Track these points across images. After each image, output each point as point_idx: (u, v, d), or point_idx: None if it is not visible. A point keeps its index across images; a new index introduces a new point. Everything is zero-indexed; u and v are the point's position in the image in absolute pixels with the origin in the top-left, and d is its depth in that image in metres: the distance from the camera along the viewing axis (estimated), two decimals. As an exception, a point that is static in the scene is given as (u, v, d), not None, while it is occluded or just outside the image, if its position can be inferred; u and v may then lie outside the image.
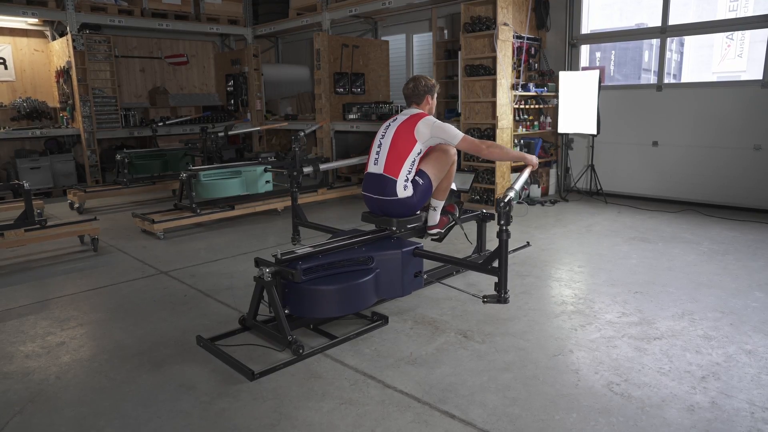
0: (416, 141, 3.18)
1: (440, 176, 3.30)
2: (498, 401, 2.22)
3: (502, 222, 2.67)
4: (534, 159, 3.20)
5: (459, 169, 5.62)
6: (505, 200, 2.63)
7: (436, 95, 3.43)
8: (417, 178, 3.22)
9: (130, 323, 3.14)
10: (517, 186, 2.80)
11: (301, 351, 2.60)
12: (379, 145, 3.29)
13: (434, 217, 3.46)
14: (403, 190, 3.18)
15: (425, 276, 3.21)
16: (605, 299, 3.31)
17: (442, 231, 3.53)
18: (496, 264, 2.80)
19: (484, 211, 3.87)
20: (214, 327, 3.03)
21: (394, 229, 3.24)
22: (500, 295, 2.79)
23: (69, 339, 2.94)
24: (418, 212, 3.37)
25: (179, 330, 3.02)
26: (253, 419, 2.14)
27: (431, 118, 3.26)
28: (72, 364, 2.64)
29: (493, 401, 2.22)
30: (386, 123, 3.37)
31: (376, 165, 3.28)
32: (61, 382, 2.48)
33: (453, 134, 3.18)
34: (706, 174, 5.85)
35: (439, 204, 3.44)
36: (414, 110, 3.34)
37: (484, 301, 2.85)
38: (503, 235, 2.68)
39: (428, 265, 3.38)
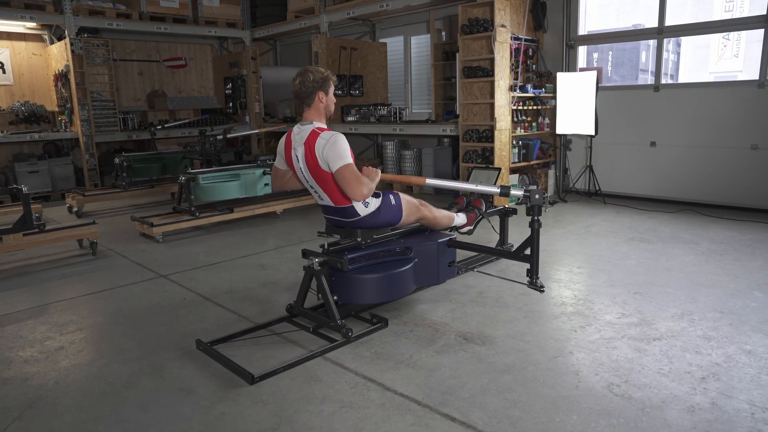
0: (332, 172, 2.73)
1: (415, 218, 3.16)
2: (498, 403, 2.22)
3: (534, 213, 2.86)
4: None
5: (483, 167, 5.59)
6: (542, 192, 2.83)
7: (332, 89, 2.87)
8: (390, 196, 3.03)
9: (129, 327, 3.14)
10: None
11: (350, 334, 2.78)
12: (311, 186, 2.92)
13: (461, 220, 3.53)
14: (364, 207, 2.91)
15: (461, 267, 3.43)
16: (605, 300, 3.31)
17: (472, 228, 3.63)
18: (528, 252, 2.98)
19: (507, 206, 4.06)
20: (214, 330, 3.02)
21: (359, 239, 3.01)
22: (532, 281, 2.98)
23: (68, 344, 2.94)
24: (390, 229, 3.18)
25: (179, 334, 3.02)
26: (253, 423, 2.14)
27: (321, 141, 2.71)
28: (71, 369, 2.64)
29: (494, 403, 2.22)
30: (293, 155, 2.87)
31: (322, 200, 2.95)
32: (60, 387, 2.47)
33: (338, 156, 2.66)
34: (704, 174, 5.86)
35: (457, 220, 3.49)
36: (306, 128, 2.81)
37: (540, 289, 2.98)
38: (535, 225, 2.88)
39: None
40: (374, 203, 2.96)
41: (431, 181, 3.18)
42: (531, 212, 2.89)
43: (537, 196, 2.83)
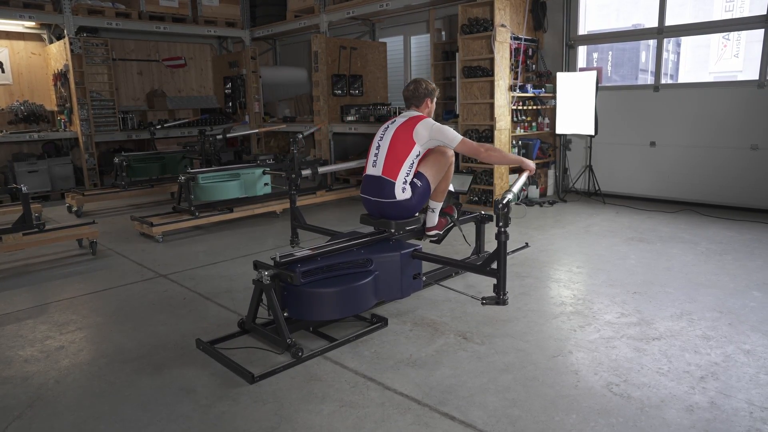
0: (415, 143, 3.17)
1: (438, 178, 3.30)
2: (498, 402, 2.22)
3: (501, 224, 2.66)
4: (531, 164, 3.20)
5: (457, 171, 5.64)
6: (504, 202, 2.62)
7: (435, 99, 3.44)
8: (415, 180, 3.22)
9: (129, 327, 3.14)
10: (515, 188, 2.81)
11: (300, 354, 2.60)
12: (378, 147, 3.29)
13: (432, 219, 3.46)
14: (402, 192, 3.18)
15: (424, 278, 3.21)
16: (604, 300, 3.32)
17: (441, 233, 3.54)
18: (494, 266, 2.79)
19: (483, 212, 3.88)
20: (214, 330, 3.03)
21: (392, 231, 3.24)
22: (499, 297, 2.79)
23: (68, 343, 2.94)
24: (417, 214, 3.38)
25: (179, 333, 3.02)
26: (253, 422, 2.14)
27: (430, 121, 3.25)
28: (71, 368, 2.64)
29: (493, 403, 2.22)
30: (385, 125, 3.37)
31: (374, 167, 3.27)
32: (61, 386, 2.47)
33: (451, 137, 3.18)
34: (704, 174, 5.87)
35: (437, 206, 3.44)
36: (413, 112, 3.34)
37: (482, 303, 2.85)
38: (501, 237, 2.68)
39: (427, 267, 3.39)
40: (408, 192, 3.19)
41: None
42: (496, 223, 2.69)
43: (500, 206, 2.60)
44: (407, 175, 3.19)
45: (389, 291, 3.01)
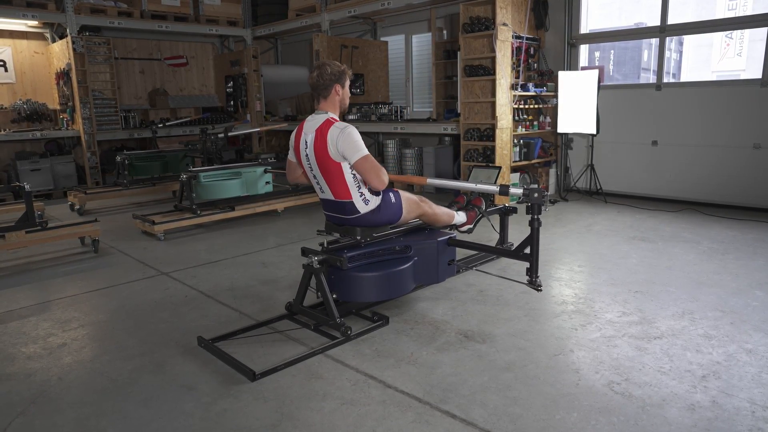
0: (339, 163, 2.79)
1: (416, 215, 3.17)
2: (499, 401, 2.22)
3: (535, 212, 2.86)
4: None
5: (483, 165, 5.60)
6: (540, 191, 2.83)
7: (348, 83, 2.93)
8: (391, 194, 3.02)
9: (131, 324, 3.15)
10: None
11: (349, 332, 2.77)
12: (313, 176, 2.94)
13: (461, 219, 3.52)
14: (365, 204, 2.91)
15: (458, 265, 3.39)
16: (605, 299, 3.31)
17: (472, 226, 3.61)
18: (527, 251, 2.98)
19: (507, 205, 4.03)
20: (216, 328, 3.03)
21: (358, 237, 3.00)
22: (531, 280, 3.01)
23: (70, 340, 2.95)
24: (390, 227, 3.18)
25: (180, 331, 3.02)
26: (255, 419, 2.15)
27: (334, 130, 2.75)
28: (74, 365, 2.65)
29: (494, 401, 2.22)
30: (301, 144, 2.90)
31: (323, 193, 2.97)
32: (63, 383, 2.48)
33: (355, 148, 2.74)
34: (706, 173, 5.85)
35: (457, 218, 3.49)
36: (320, 116, 2.86)
37: (533, 285, 3.02)
38: (535, 224, 2.89)
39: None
40: (374, 201, 2.95)
41: (432, 181, 3.22)
42: (530, 211, 2.90)
43: (536, 195, 2.84)
44: (360, 188, 2.88)
45: (427, 276, 3.17)
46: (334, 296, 2.89)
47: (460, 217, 3.52)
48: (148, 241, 5.11)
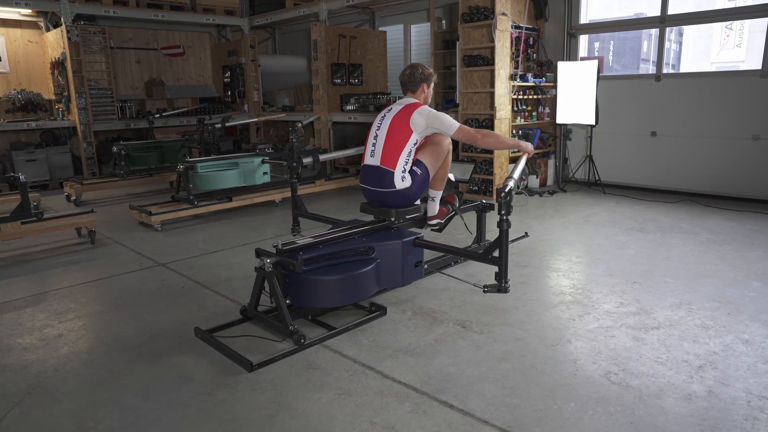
0: (412, 132, 3.14)
1: (436, 166, 3.29)
2: (496, 391, 2.22)
3: (503, 212, 2.66)
4: (530, 146, 3.22)
5: (458, 160, 5.63)
6: (506, 190, 2.62)
7: (432, 84, 3.41)
8: (414, 168, 3.21)
9: (128, 315, 3.14)
10: (516, 175, 2.79)
11: (302, 341, 2.61)
12: (375, 137, 3.26)
13: (433, 208, 3.46)
14: (401, 181, 3.17)
15: (425, 266, 3.22)
16: (603, 289, 3.31)
17: (442, 221, 3.53)
18: (496, 254, 2.80)
19: (484, 201, 3.87)
20: (213, 318, 3.03)
21: (393, 219, 3.23)
22: (500, 285, 2.80)
23: (67, 331, 2.94)
24: (417, 202, 3.36)
25: (177, 322, 3.02)
26: (252, 410, 2.14)
27: (426, 108, 3.22)
28: (70, 356, 2.64)
29: (492, 391, 2.22)
30: (381, 113, 3.33)
31: (372, 157, 3.25)
32: (60, 374, 2.48)
33: (449, 124, 3.15)
34: (705, 164, 5.85)
35: (437, 194, 3.43)
36: (409, 99, 3.30)
37: (484, 291, 2.85)
38: (504, 225, 2.68)
39: (428, 255, 3.38)
40: (408, 181, 3.18)
41: None
42: (498, 211, 2.69)
43: (503, 194, 2.61)
44: (406, 164, 3.17)
45: (391, 279, 3.01)
46: (288, 301, 2.74)
47: (434, 206, 3.44)
48: (145, 231, 5.09)
